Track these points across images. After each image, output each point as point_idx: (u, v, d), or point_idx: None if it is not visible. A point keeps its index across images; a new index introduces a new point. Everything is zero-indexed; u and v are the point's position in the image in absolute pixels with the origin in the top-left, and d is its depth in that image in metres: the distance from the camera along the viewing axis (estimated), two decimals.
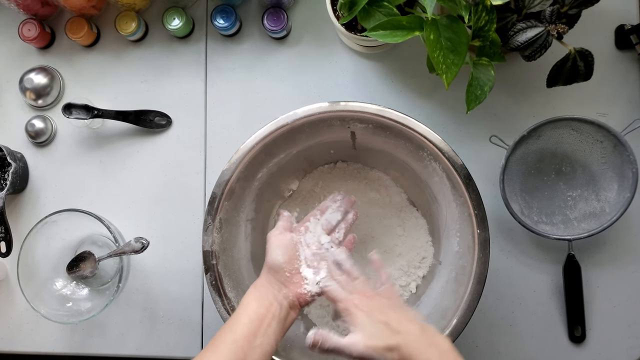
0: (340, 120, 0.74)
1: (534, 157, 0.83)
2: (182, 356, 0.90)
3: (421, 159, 0.75)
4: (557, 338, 0.85)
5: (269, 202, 0.86)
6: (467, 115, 0.76)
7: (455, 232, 0.75)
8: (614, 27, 0.87)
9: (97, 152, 0.94)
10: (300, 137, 0.76)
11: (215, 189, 0.74)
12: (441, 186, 0.75)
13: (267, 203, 0.85)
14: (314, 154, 0.81)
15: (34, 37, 0.92)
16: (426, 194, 0.81)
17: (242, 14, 0.93)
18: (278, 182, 0.84)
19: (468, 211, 0.71)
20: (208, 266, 0.73)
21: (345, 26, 0.81)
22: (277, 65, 0.93)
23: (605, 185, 0.81)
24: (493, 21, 0.69)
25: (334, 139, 0.78)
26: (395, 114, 0.72)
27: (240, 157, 0.74)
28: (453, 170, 0.71)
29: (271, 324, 0.62)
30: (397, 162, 0.80)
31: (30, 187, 0.94)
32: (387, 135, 0.75)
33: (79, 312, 0.85)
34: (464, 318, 0.69)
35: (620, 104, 0.87)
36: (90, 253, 0.88)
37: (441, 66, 0.70)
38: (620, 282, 0.85)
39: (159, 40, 0.95)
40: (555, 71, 0.75)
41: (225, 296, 0.73)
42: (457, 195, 0.73)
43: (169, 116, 0.93)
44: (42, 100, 0.94)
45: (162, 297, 0.91)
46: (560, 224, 0.82)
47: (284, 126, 0.73)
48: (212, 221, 0.73)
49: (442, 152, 0.71)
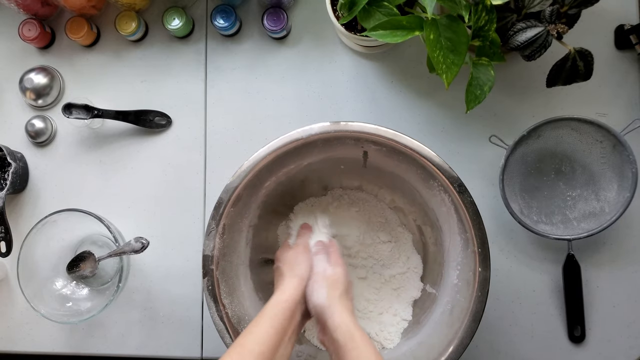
0: (355, 139, 0.74)
1: (533, 157, 0.83)
2: (182, 356, 0.90)
3: (431, 188, 0.75)
4: (557, 338, 0.85)
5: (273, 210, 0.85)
6: (467, 115, 0.76)
7: (456, 264, 0.74)
8: (614, 27, 0.87)
9: (97, 152, 0.94)
10: (312, 151, 0.76)
11: (223, 194, 0.73)
12: (447, 217, 0.75)
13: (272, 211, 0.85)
14: (324, 167, 0.81)
15: (34, 37, 0.92)
16: (431, 220, 0.80)
17: (242, 14, 0.93)
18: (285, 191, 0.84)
19: (472, 248, 0.71)
20: (206, 271, 0.73)
21: (345, 26, 0.81)
22: (277, 65, 0.93)
23: (605, 185, 0.81)
24: (493, 21, 0.69)
25: (345, 155, 0.78)
26: (411, 141, 0.72)
27: (251, 165, 0.73)
28: (462, 205, 0.71)
29: (292, 336, 0.67)
30: (406, 186, 0.80)
31: (30, 187, 0.94)
32: (399, 159, 0.75)
33: (79, 312, 0.85)
34: (455, 354, 0.70)
35: (620, 104, 0.87)
36: (90, 253, 0.88)
37: (441, 66, 0.70)
38: (620, 282, 0.85)
39: (159, 40, 0.95)
40: (555, 71, 0.76)
41: (220, 302, 0.73)
42: (462, 229, 0.72)
43: (169, 116, 0.93)
44: (42, 100, 0.94)
45: (162, 297, 0.91)
46: (559, 223, 0.82)
47: (298, 140, 0.73)
48: (215, 226, 0.73)
49: (454, 186, 0.71)
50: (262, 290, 0.81)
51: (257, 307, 0.79)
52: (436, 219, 0.78)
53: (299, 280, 0.71)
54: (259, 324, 0.64)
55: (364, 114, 0.90)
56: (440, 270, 0.79)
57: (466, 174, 0.73)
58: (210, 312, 0.73)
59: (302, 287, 0.70)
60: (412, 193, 0.81)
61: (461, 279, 0.73)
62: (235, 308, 0.75)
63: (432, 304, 0.78)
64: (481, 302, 0.70)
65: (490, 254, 0.70)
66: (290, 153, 0.75)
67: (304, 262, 0.73)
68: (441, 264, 0.79)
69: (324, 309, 0.67)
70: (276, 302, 0.68)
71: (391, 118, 0.90)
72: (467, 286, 0.71)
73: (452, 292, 0.74)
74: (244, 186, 0.74)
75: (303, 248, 0.76)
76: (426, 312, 0.79)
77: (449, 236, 0.76)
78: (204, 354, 0.89)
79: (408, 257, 0.84)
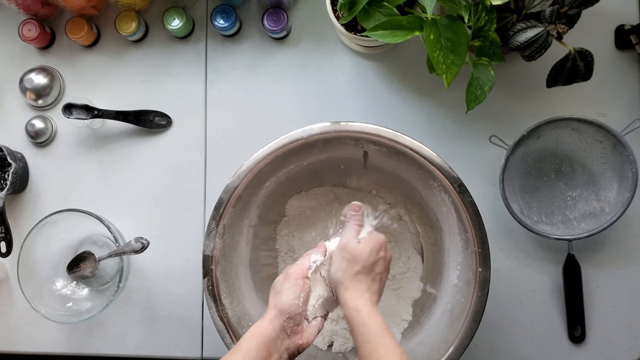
0: (355, 140, 0.74)
1: (533, 157, 0.83)
2: (182, 356, 0.90)
3: (431, 188, 0.75)
4: (557, 338, 0.85)
5: (274, 210, 0.85)
6: (467, 115, 0.76)
7: (456, 265, 0.74)
8: (614, 27, 0.87)
9: (97, 152, 0.94)
10: (312, 151, 0.76)
11: (223, 194, 0.74)
12: (447, 217, 0.75)
13: (272, 211, 0.85)
14: (324, 167, 0.81)
15: (34, 37, 0.92)
16: (431, 220, 0.80)
17: (242, 14, 0.93)
18: (285, 191, 0.84)
19: (472, 248, 0.71)
20: (207, 271, 0.73)
21: (345, 26, 0.81)
22: (277, 66, 0.93)
23: (605, 185, 0.81)
24: (493, 21, 0.69)
25: (345, 155, 0.78)
26: (411, 141, 0.72)
27: (251, 165, 0.73)
28: (462, 205, 0.71)
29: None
30: (406, 186, 0.80)
31: (30, 187, 0.94)
32: (399, 159, 0.75)
33: (79, 312, 0.85)
34: (455, 354, 0.69)
35: (620, 104, 0.87)
36: (90, 253, 0.88)
37: (441, 66, 0.70)
38: (620, 282, 0.85)
39: (159, 41, 0.95)
40: (555, 71, 0.76)
41: (220, 302, 0.73)
42: (462, 230, 0.72)
43: (169, 116, 0.93)
44: (42, 100, 0.94)
45: (162, 297, 0.91)
46: (560, 223, 0.82)
47: (298, 140, 0.73)
48: (215, 226, 0.73)
49: (454, 186, 0.71)
50: (262, 290, 0.81)
51: (257, 307, 0.79)
52: (436, 219, 0.78)
53: (277, 312, 0.62)
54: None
55: (364, 114, 0.90)
56: (440, 270, 0.79)
57: (466, 174, 0.73)
58: (210, 312, 0.73)
59: (280, 321, 0.62)
60: (412, 193, 0.81)
61: (461, 279, 0.73)
62: (235, 308, 0.75)
63: (432, 304, 0.78)
64: (481, 302, 0.70)
65: (490, 254, 0.70)
66: (290, 153, 0.75)
67: (289, 291, 0.64)
68: (441, 264, 0.79)
69: (337, 283, 0.65)
70: (250, 336, 0.61)
71: (391, 118, 0.90)
72: (467, 286, 0.71)
73: (452, 292, 0.74)
74: (244, 186, 0.74)
75: (295, 274, 0.65)
76: (426, 312, 0.79)
77: (449, 236, 0.76)
78: (204, 354, 0.89)
79: (408, 257, 0.84)
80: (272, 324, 0.62)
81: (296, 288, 0.64)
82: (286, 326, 0.62)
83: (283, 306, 0.63)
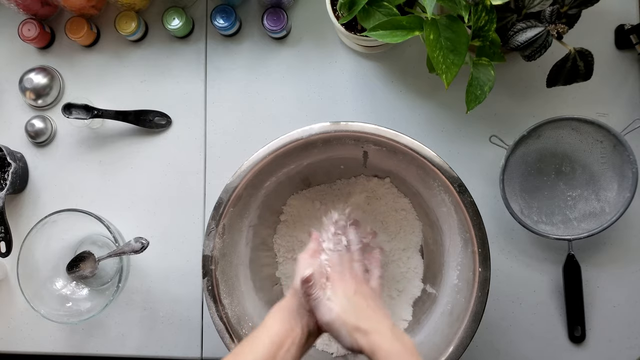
0: (355, 140, 0.74)
1: (533, 157, 0.83)
2: (182, 356, 0.90)
3: (431, 188, 0.75)
4: (557, 338, 0.85)
5: (274, 210, 0.85)
6: (467, 115, 0.76)
7: (456, 265, 0.74)
8: (614, 27, 0.87)
9: (97, 152, 0.94)
10: (312, 151, 0.76)
11: (223, 194, 0.73)
12: (447, 217, 0.74)
13: (272, 211, 0.85)
14: (324, 167, 0.81)
15: (34, 37, 0.92)
16: (431, 220, 0.80)
17: (242, 14, 0.93)
18: (285, 191, 0.84)
19: (472, 248, 0.70)
20: (206, 271, 0.73)
21: (345, 26, 0.81)
22: (277, 66, 0.93)
23: (605, 185, 0.81)
24: (493, 21, 0.69)
25: (345, 155, 0.78)
26: (411, 141, 0.72)
27: (251, 165, 0.73)
28: (462, 205, 0.70)
29: (290, 349, 0.62)
30: (406, 185, 0.80)
31: (30, 187, 0.94)
32: (399, 159, 0.74)
33: (79, 312, 0.85)
34: (455, 354, 0.69)
35: (620, 104, 0.87)
36: (90, 253, 0.88)
37: (441, 66, 0.70)
38: (620, 282, 0.85)
39: (159, 40, 0.95)
40: (555, 71, 0.75)
41: (220, 303, 0.73)
42: (462, 230, 0.72)
43: (169, 116, 0.93)
44: (42, 100, 0.94)
45: (162, 297, 0.91)
46: (560, 223, 0.82)
47: (298, 140, 0.73)
48: (215, 226, 0.73)
49: (454, 186, 0.71)
50: (261, 291, 0.81)
51: (257, 307, 0.79)
52: (436, 219, 0.78)
53: (293, 291, 0.66)
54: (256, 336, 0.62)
55: (364, 114, 0.90)
56: (441, 270, 0.79)
57: (466, 174, 0.73)
58: (210, 312, 0.73)
59: (297, 297, 0.65)
60: (412, 192, 0.81)
61: (461, 279, 0.73)
62: (235, 308, 0.75)
63: (432, 304, 0.78)
64: (481, 302, 0.69)
65: (490, 254, 0.70)
66: (290, 153, 0.74)
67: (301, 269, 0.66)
68: (441, 264, 0.79)
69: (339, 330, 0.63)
70: (273, 312, 0.65)
71: (391, 118, 0.90)
72: (467, 286, 0.71)
73: (452, 292, 0.74)
74: (244, 186, 0.74)
75: (310, 252, 0.69)
76: (426, 312, 0.79)
77: (449, 236, 0.76)
78: (203, 354, 0.89)
79: (408, 257, 0.84)
80: (292, 300, 0.65)
81: (306, 266, 0.67)
82: (304, 302, 0.65)
83: (296, 284, 0.66)
